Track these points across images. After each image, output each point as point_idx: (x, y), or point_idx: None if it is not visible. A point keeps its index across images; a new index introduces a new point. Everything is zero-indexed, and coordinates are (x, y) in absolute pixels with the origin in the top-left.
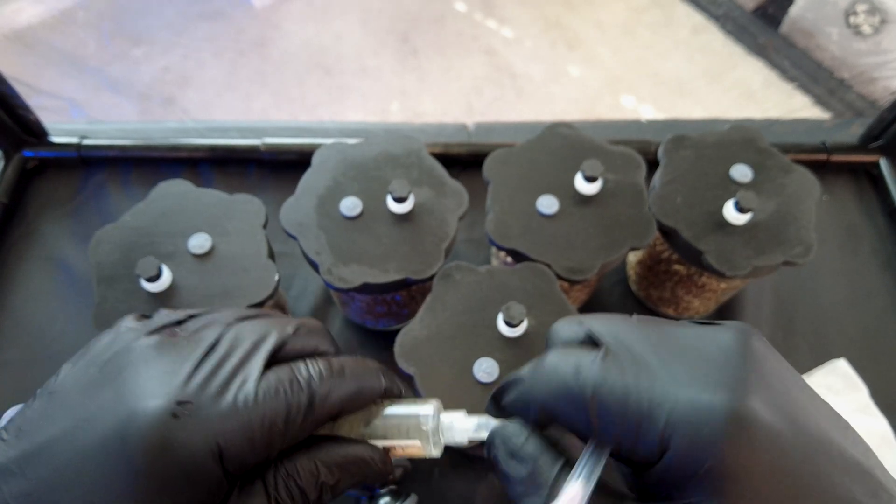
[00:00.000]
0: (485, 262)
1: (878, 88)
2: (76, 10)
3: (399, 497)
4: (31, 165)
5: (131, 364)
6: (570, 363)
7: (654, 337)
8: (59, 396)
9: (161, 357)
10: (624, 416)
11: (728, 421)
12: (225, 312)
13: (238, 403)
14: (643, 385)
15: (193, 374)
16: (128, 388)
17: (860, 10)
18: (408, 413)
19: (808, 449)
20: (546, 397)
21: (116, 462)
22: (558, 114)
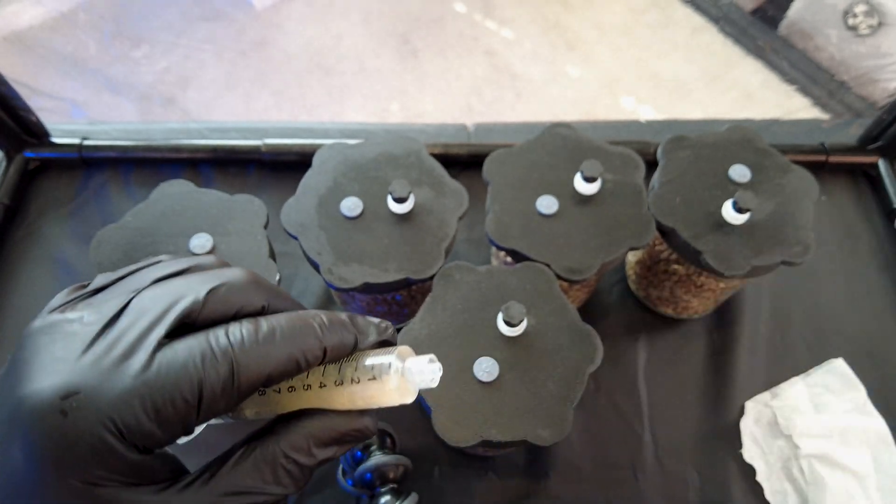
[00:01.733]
0: (485, 261)
1: (877, 90)
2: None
3: (399, 496)
4: (33, 166)
5: (25, 352)
6: None
7: None
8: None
9: (54, 341)
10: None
11: None
12: (148, 272)
13: (135, 381)
14: None
15: (82, 356)
16: (18, 379)
17: (858, 11)
18: (372, 362)
19: None
20: None
21: (12, 448)
22: (558, 114)
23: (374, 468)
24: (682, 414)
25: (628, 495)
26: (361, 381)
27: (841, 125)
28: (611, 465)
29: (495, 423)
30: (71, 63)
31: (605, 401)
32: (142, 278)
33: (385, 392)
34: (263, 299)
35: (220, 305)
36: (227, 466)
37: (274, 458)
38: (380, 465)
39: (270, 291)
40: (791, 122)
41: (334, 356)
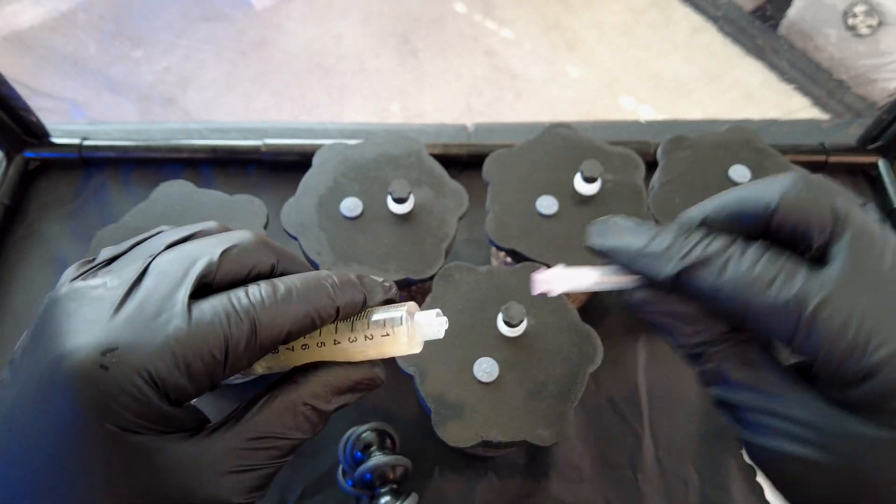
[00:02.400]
0: (484, 262)
1: (877, 90)
2: (77, 12)
3: (399, 496)
4: (33, 166)
5: (55, 317)
6: (793, 276)
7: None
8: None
9: (83, 305)
10: (834, 341)
11: None
12: (157, 239)
13: (168, 337)
14: (871, 320)
15: (115, 315)
16: (52, 339)
17: (858, 11)
18: (383, 317)
19: None
20: (751, 304)
21: (51, 406)
22: (557, 114)
23: (374, 469)
24: (682, 414)
25: (628, 495)
26: (374, 337)
27: (841, 125)
28: (611, 465)
29: (495, 423)
30: (71, 63)
31: (605, 401)
32: (153, 245)
33: (396, 344)
34: (273, 258)
35: (234, 265)
36: (251, 413)
37: (294, 405)
38: (380, 466)
39: (279, 252)
40: (791, 122)
41: (346, 314)
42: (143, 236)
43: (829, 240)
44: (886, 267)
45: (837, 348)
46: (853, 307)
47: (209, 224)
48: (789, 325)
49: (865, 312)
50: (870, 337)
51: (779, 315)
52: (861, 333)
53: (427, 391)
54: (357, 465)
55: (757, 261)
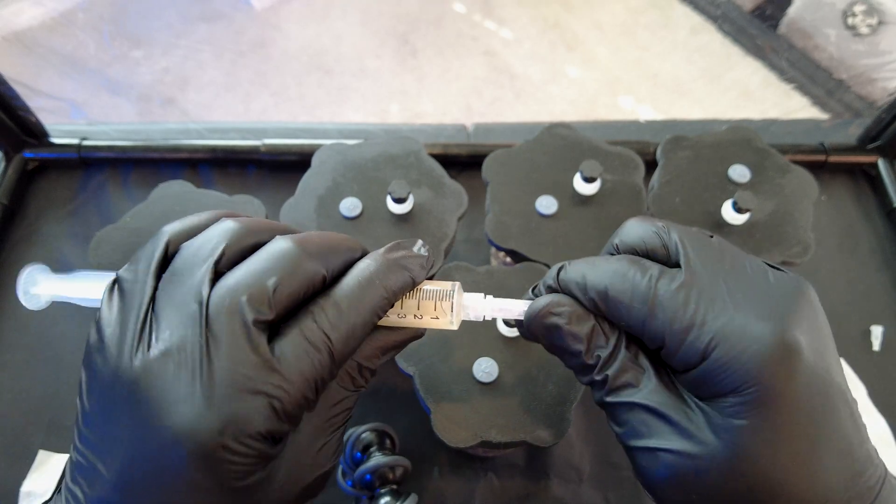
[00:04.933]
0: (484, 262)
1: (877, 89)
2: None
3: (399, 496)
4: (32, 166)
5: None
6: (647, 268)
7: (727, 267)
8: (92, 436)
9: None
10: (676, 322)
11: (773, 346)
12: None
13: (270, 399)
14: (703, 302)
15: (210, 390)
16: (159, 432)
17: (858, 10)
18: (433, 289)
19: (834, 395)
20: (614, 288)
21: (173, 478)
22: (557, 114)
23: (373, 469)
24: None
25: (628, 495)
26: (424, 317)
27: (840, 125)
28: (611, 465)
29: (495, 423)
30: (70, 63)
31: None
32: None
33: (441, 323)
34: (322, 269)
35: (288, 298)
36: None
37: (350, 367)
38: (379, 466)
39: (320, 253)
40: (790, 121)
41: (398, 299)
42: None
43: (675, 252)
44: (724, 265)
45: (677, 326)
46: (690, 292)
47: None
48: (641, 309)
49: (701, 296)
50: (705, 315)
51: (631, 299)
52: (697, 313)
53: (427, 391)
54: (357, 465)
55: (619, 260)
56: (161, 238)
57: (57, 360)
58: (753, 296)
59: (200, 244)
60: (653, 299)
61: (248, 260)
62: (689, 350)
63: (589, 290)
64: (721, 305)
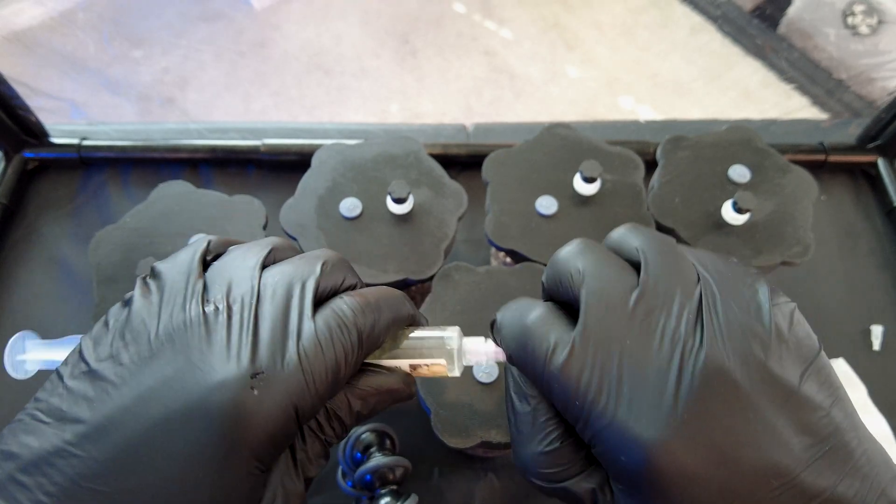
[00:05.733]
0: (484, 262)
1: (876, 89)
2: (76, 12)
3: (399, 497)
4: (32, 166)
5: (190, 342)
6: (546, 338)
7: (630, 342)
8: (104, 375)
9: (217, 331)
10: (565, 409)
11: (646, 458)
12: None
13: (304, 361)
14: (590, 395)
15: (256, 342)
16: (196, 364)
17: (857, 10)
18: (433, 335)
19: (739, 484)
20: (515, 348)
21: (199, 433)
22: (557, 114)
23: (373, 470)
24: None
25: None
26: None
27: (840, 124)
28: None
29: (495, 423)
30: (70, 63)
31: None
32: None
33: (441, 373)
34: (355, 275)
35: (331, 281)
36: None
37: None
38: (380, 467)
39: (353, 269)
40: (790, 121)
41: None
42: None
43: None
44: (615, 333)
45: (567, 415)
46: (580, 379)
47: (278, 243)
48: (538, 377)
49: (590, 384)
50: (590, 411)
51: (531, 371)
52: (584, 406)
53: (427, 392)
54: (357, 466)
55: (538, 314)
56: (201, 241)
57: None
58: (644, 389)
59: (248, 247)
60: (545, 378)
61: (293, 258)
62: (580, 432)
63: (507, 349)
64: (605, 402)
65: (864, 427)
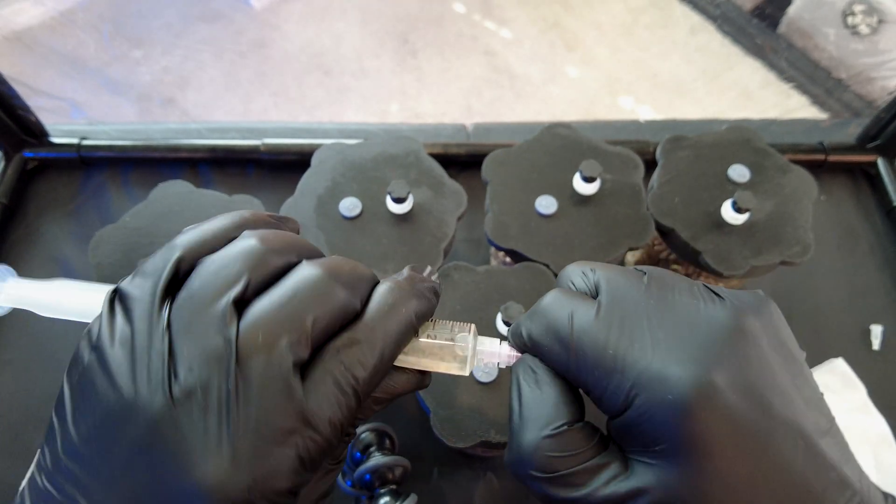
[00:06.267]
0: (483, 262)
1: (876, 88)
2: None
3: (399, 497)
4: (32, 166)
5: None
6: (567, 306)
7: (653, 303)
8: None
9: (193, 431)
10: (598, 367)
11: (689, 394)
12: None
13: (301, 456)
14: (623, 344)
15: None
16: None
17: (857, 10)
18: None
19: (772, 431)
20: (537, 330)
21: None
22: (557, 114)
23: (373, 469)
24: None
25: None
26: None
27: (839, 124)
28: None
29: (494, 423)
30: (70, 63)
31: None
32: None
33: (451, 370)
34: (356, 301)
35: (321, 335)
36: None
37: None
38: (379, 466)
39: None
40: (790, 121)
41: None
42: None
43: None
44: (649, 301)
45: (598, 372)
46: (609, 333)
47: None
48: (561, 351)
49: (621, 336)
50: (624, 360)
51: (551, 340)
52: (617, 357)
53: (426, 392)
54: (356, 465)
55: (553, 294)
56: (173, 252)
57: (57, 360)
58: (677, 335)
59: (220, 265)
60: (572, 341)
61: (277, 289)
62: (613, 397)
63: (523, 335)
64: (640, 348)
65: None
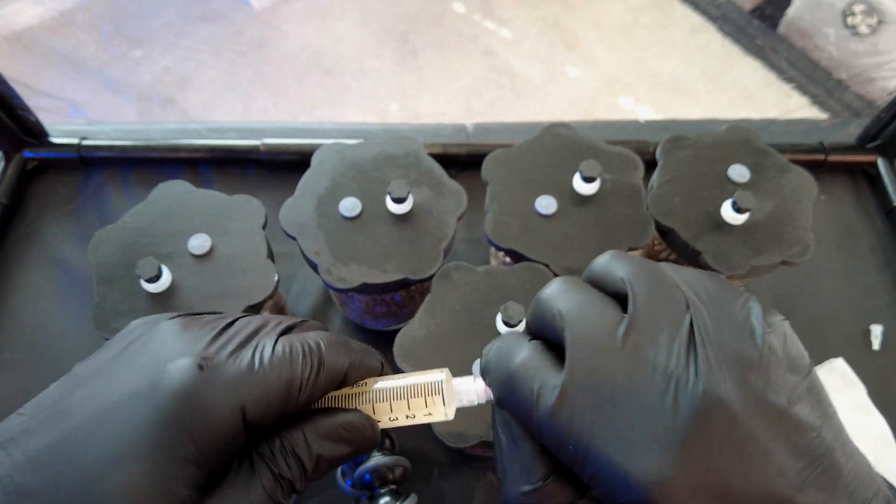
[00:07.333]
0: (483, 262)
1: (876, 89)
2: (76, 11)
3: (399, 497)
4: (31, 166)
5: (157, 336)
6: (533, 380)
7: (622, 376)
8: (80, 373)
9: (185, 331)
10: (559, 453)
11: (646, 497)
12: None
13: (257, 363)
14: (584, 438)
15: (214, 340)
16: (155, 351)
17: (857, 10)
18: (420, 380)
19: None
20: (505, 394)
21: (145, 410)
22: (557, 114)
23: (373, 469)
24: None
25: None
26: (417, 416)
27: (840, 124)
28: None
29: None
30: (70, 63)
31: None
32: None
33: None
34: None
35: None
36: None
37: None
38: (379, 467)
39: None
40: (790, 121)
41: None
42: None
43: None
44: (604, 373)
45: (561, 458)
46: (570, 425)
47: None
48: (529, 422)
49: (582, 431)
50: (585, 453)
51: (521, 410)
52: (578, 450)
53: None
54: (356, 465)
55: (524, 357)
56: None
57: (57, 360)
58: (641, 423)
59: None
60: (534, 422)
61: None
62: (578, 474)
63: (493, 389)
64: (600, 443)
65: (850, 441)
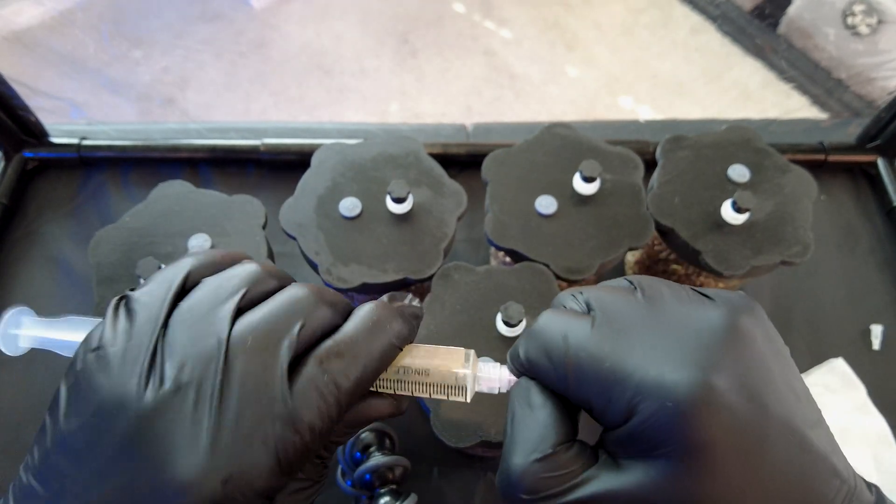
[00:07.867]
0: (483, 262)
1: (876, 88)
2: (75, 12)
3: (398, 496)
4: (31, 166)
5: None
6: (561, 325)
7: (646, 311)
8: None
9: (176, 426)
10: (597, 382)
11: (689, 398)
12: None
13: (279, 453)
14: (620, 355)
15: (217, 435)
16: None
17: (857, 10)
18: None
19: (769, 429)
20: (534, 352)
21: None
22: (556, 114)
23: (373, 469)
24: None
25: None
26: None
27: (839, 124)
28: None
29: (494, 423)
30: (69, 63)
31: None
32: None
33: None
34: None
35: (309, 337)
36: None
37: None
38: (379, 466)
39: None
40: (790, 121)
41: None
42: (177, 280)
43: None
44: (640, 311)
45: (597, 387)
46: (604, 347)
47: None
48: (558, 371)
49: (616, 349)
50: (623, 370)
51: (548, 360)
52: (616, 369)
53: None
54: (356, 465)
55: (546, 315)
56: (182, 267)
57: (57, 360)
58: (673, 339)
59: (223, 280)
60: (569, 359)
61: (269, 302)
62: (614, 409)
63: (521, 357)
64: (638, 357)
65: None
